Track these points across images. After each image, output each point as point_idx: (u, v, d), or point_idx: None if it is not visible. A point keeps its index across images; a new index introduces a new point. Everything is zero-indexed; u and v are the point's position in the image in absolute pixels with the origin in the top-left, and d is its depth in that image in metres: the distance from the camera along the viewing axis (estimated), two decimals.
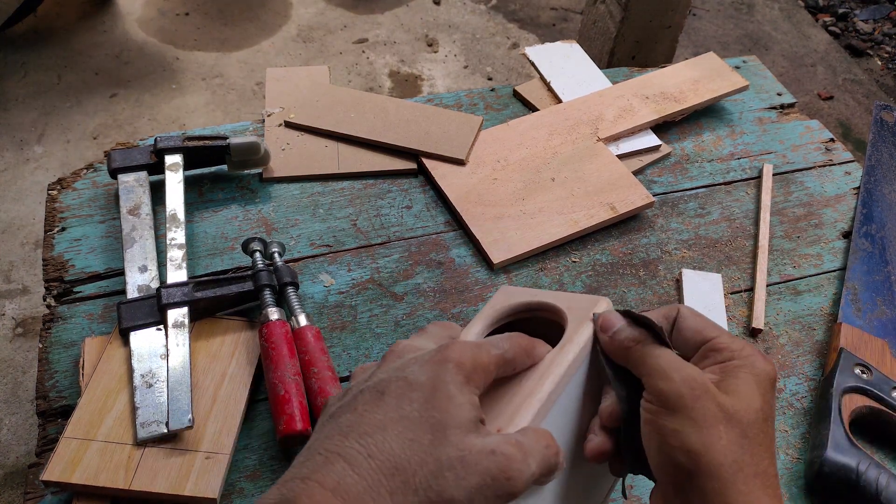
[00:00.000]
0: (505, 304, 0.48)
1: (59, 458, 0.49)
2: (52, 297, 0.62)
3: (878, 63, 2.24)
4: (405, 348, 0.39)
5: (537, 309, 0.49)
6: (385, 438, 0.32)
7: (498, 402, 0.40)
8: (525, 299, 0.48)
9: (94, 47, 1.97)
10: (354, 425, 0.33)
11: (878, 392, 0.56)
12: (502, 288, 0.50)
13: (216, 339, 0.58)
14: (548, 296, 0.48)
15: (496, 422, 0.38)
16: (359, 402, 0.34)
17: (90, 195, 0.71)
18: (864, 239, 0.72)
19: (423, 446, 0.32)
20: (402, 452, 0.32)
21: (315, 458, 0.32)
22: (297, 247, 0.68)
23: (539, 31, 2.19)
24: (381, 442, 0.32)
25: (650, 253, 0.70)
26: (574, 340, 0.44)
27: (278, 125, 0.78)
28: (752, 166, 0.80)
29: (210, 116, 1.81)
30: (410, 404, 0.34)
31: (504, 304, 0.48)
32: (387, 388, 0.35)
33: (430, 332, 0.43)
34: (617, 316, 0.43)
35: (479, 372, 0.36)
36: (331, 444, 0.33)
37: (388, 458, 0.32)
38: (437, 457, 0.32)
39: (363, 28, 2.12)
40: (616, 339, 0.42)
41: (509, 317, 0.49)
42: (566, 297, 0.48)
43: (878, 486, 0.50)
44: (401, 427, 0.33)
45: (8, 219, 1.54)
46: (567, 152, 0.76)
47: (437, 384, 0.34)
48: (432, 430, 0.33)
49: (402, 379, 0.35)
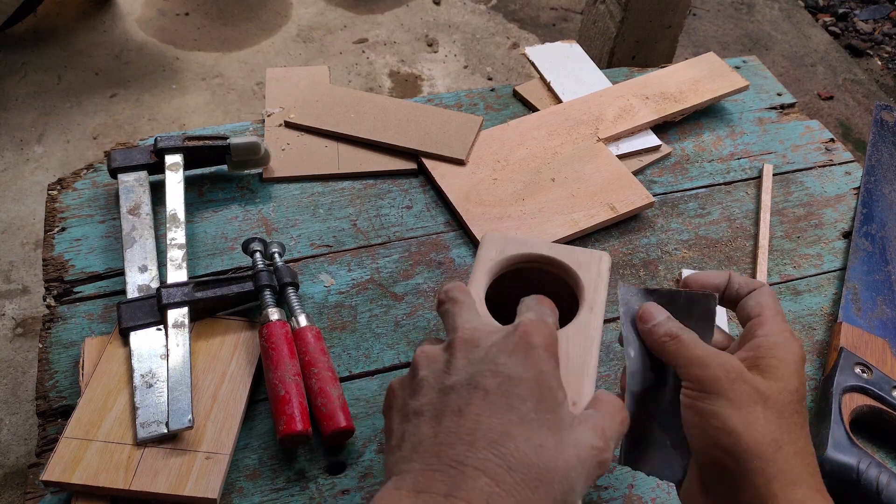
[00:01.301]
0: (505, 254, 0.49)
1: (59, 458, 0.49)
2: (52, 297, 0.62)
3: (878, 63, 2.24)
4: (471, 332, 0.37)
5: (543, 262, 0.49)
6: (518, 447, 0.31)
7: None
8: (526, 251, 0.50)
9: (94, 47, 1.97)
10: (474, 432, 0.32)
11: (878, 391, 0.56)
12: (488, 235, 0.51)
13: (216, 339, 0.58)
14: (544, 247, 0.50)
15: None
16: (462, 403, 0.33)
17: (90, 195, 0.71)
18: (865, 239, 0.72)
19: (550, 451, 0.32)
20: (538, 461, 0.31)
21: (447, 470, 0.31)
22: (297, 247, 0.68)
23: (539, 31, 2.19)
24: (514, 451, 0.31)
25: (650, 253, 0.70)
26: (598, 302, 0.47)
27: (278, 125, 0.78)
28: (752, 166, 0.80)
29: (210, 116, 1.81)
30: (523, 403, 0.33)
31: (504, 255, 0.49)
32: (486, 384, 0.33)
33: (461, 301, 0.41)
34: (657, 308, 0.44)
35: (553, 340, 0.37)
36: (456, 454, 0.31)
37: (529, 470, 0.31)
38: (565, 460, 0.32)
39: (363, 28, 2.12)
40: (655, 333, 0.42)
41: (508, 268, 0.50)
42: (565, 250, 0.50)
43: (878, 486, 0.50)
44: (526, 432, 0.32)
45: (8, 219, 1.54)
46: (567, 152, 0.76)
47: (539, 377, 0.34)
48: (552, 431, 0.33)
49: (500, 374, 0.34)
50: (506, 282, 0.50)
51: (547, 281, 0.50)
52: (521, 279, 0.50)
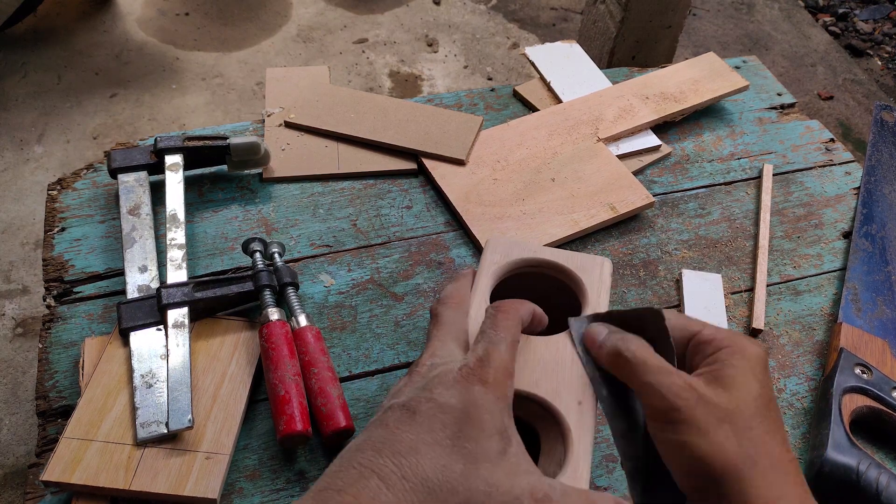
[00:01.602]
0: (509, 258, 0.50)
1: (59, 458, 0.49)
2: (52, 297, 0.62)
3: (878, 63, 2.24)
4: (428, 368, 0.39)
5: (546, 267, 0.50)
6: (419, 461, 0.33)
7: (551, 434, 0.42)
8: (529, 255, 0.50)
9: (94, 47, 1.97)
10: (387, 442, 0.34)
11: (878, 392, 0.56)
12: (492, 239, 0.51)
13: (216, 339, 0.58)
14: (547, 252, 0.51)
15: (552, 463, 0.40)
16: (389, 419, 0.35)
17: (90, 195, 0.71)
18: (865, 239, 0.72)
19: (455, 475, 0.33)
20: (435, 477, 0.33)
21: (349, 470, 0.33)
22: (297, 247, 0.68)
23: (539, 30, 2.18)
24: (414, 465, 0.33)
25: (650, 253, 0.70)
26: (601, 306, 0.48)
27: (278, 125, 0.78)
28: (752, 166, 0.80)
29: (210, 116, 1.81)
30: (444, 429, 0.34)
31: (508, 259, 0.50)
32: (417, 407, 0.35)
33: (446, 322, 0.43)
34: (599, 326, 0.43)
35: (503, 378, 0.37)
36: (364, 459, 0.33)
37: (422, 482, 0.32)
38: (467, 487, 0.33)
39: (363, 28, 2.12)
40: (602, 354, 0.42)
41: (511, 271, 0.50)
42: (567, 255, 0.51)
43: (878, 486, 0.50)
44: (433, 452, 0.33)
45: (8, 219, 1.54)
46: (567, 152, 0.76)
47: (469, 409, 0.35)
48: (464, 459, 0.34)
49: (432, 400, 0.35)
50: (509, 284, 0.50)
51: (550, 285, 0.51)
52: (524, 282, 0.51)
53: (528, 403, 0.43)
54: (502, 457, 0.35)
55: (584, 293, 0.49)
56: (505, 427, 0.36)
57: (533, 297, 0.46)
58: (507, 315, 0.41)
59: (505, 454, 0.35)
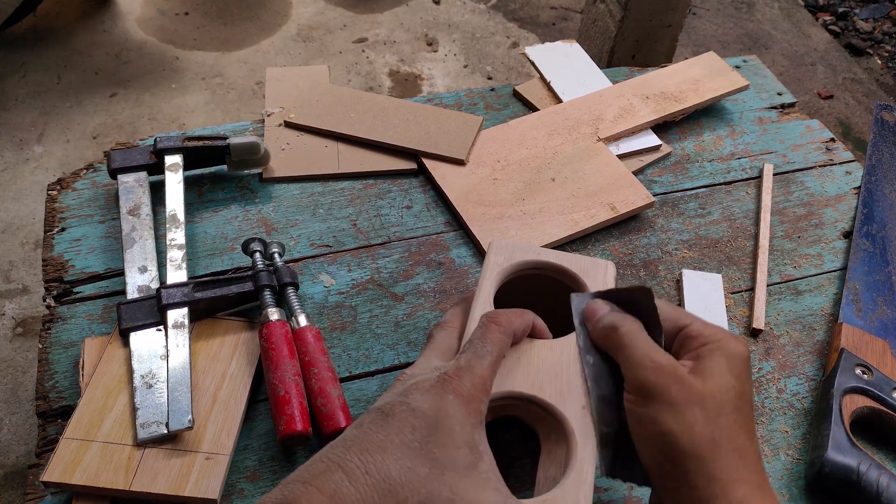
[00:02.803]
0: (512, 261, 0.51)
1: (59, 458, 0.49)
2: (51, 297, 0.62)
3: (878, 62, 2.24)
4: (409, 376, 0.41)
5: (549, 269, 0.50)
6: (384, 459, 0.34)
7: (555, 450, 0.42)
8: (533, 258, 0.51)
9: (94, 47, 1.97)
10: (357, 440, 0.35)
11: (878, 392, 0.56)
12: (495, 241, 0.51)
13: (216, 339, 0.58)
14: (551, 255, 0.51)
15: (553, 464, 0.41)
16: (364, 421, 0.36)
17: (90, 195, 0.71)
18: (865, 239, 0.72)
19: (418, 477, 0.34)
20: (399, 477, 0.33)
21: (317, 464, 0.34)
22: (297, 247, 0.68)
23: (539, 30, 2.18)
24: (379, 462, 0.34)
25: (650, 253, 0.70)
26: None
27: (278, 125, 0.78)
28: (752, 166, 0.80)
29: (210, 116, 1.81)
30: (413, 432, 0.35)
31: (511, 262, 0.51)
32: (391, 410, 0.36)
33: (436, 341, 0.45)
34: (601, 304, 0.45)
35: (478, 393, 0.38)
36: (333, 454, 0.34)
37: (385, 479, 0.33)
38: (429, 490, 0.33)
39: (363, 27, 2.12)
40: (598, 327, 0.43)
41: (515, 274, 0.51)
42: (571, 258, 0.51)
43: (878, 487, 0.50)
44: (400, 453, 0.34)
45: (8, 219, 1.54)
46: (567, 152, 0.76)
47: (440, 416, 0.36)
48: (430, 464, 0.34)
49: (406, 404, 0.36)
50: (513, 287, 0.51)
51: (553, 287, 0.51)
52: (528, 284, 0.51)
53: (530, 406, 0.43)
54: (471, 470, 0.35)
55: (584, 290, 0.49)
56: (475, 442, 0.36)
57: (536, 299, 0.47)
58: (499, 327, 0.42)
59: (475, 468, 0.35)
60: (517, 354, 0.44)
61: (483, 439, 0.37)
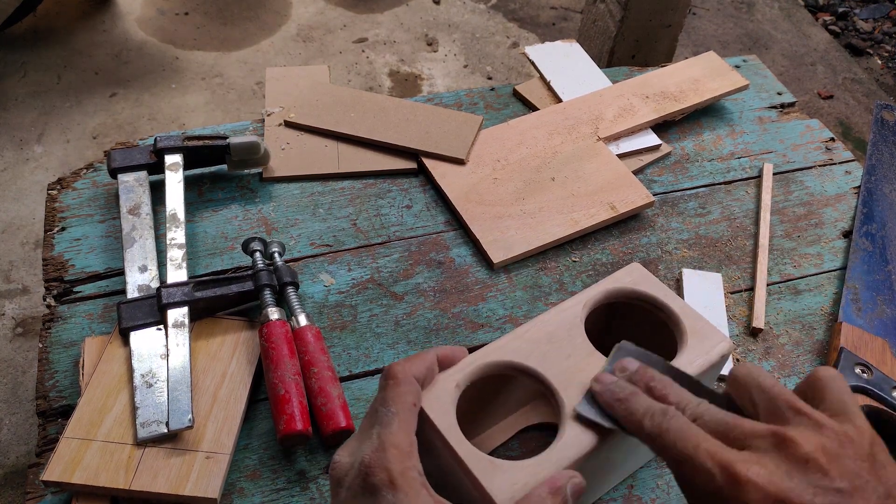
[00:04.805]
0: (628, 285, 0.49)
1: (60, 458, 0.49)
2: (52, 297, 0.62)
3: (878, 62, 2.24)
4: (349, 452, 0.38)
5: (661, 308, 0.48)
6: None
7: None
8: (646, 291, 0.48)
9: (94, 47, 1.97)
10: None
11: (878, 392, 0.56)
12: (635, 265, 0.50)
13: (216, 339, 0.58)
14: (677, 302, 0.48)
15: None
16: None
17: (90, 195, 0.71)
18: (865, 238, 0.72)
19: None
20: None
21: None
22: (297, 246, 0.68)
23: (539, 30, 2.18)
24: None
25: (650, 252, 0.70)
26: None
27: (278, 125, 0.78)
28: (752, 166, 0.80)
29: (210, 116, 1.81)
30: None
31: (624, 286, 0.49)
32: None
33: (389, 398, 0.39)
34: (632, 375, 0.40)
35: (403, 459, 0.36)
36: None
37: None
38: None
39: (363, 27, 2.12)
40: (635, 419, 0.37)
41: (621, 298, 0.49)
42: (694, 314, 0.47)
43: None
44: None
45: (8, 219, 1.54)
46: (567, 152, 0.76)
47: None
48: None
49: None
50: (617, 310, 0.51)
51: (654, 327, 0.49)
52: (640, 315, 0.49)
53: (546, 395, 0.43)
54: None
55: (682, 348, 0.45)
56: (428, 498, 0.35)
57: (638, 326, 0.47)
58: (396, 382, 0.39)
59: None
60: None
61: (426, 485, 0.35)
